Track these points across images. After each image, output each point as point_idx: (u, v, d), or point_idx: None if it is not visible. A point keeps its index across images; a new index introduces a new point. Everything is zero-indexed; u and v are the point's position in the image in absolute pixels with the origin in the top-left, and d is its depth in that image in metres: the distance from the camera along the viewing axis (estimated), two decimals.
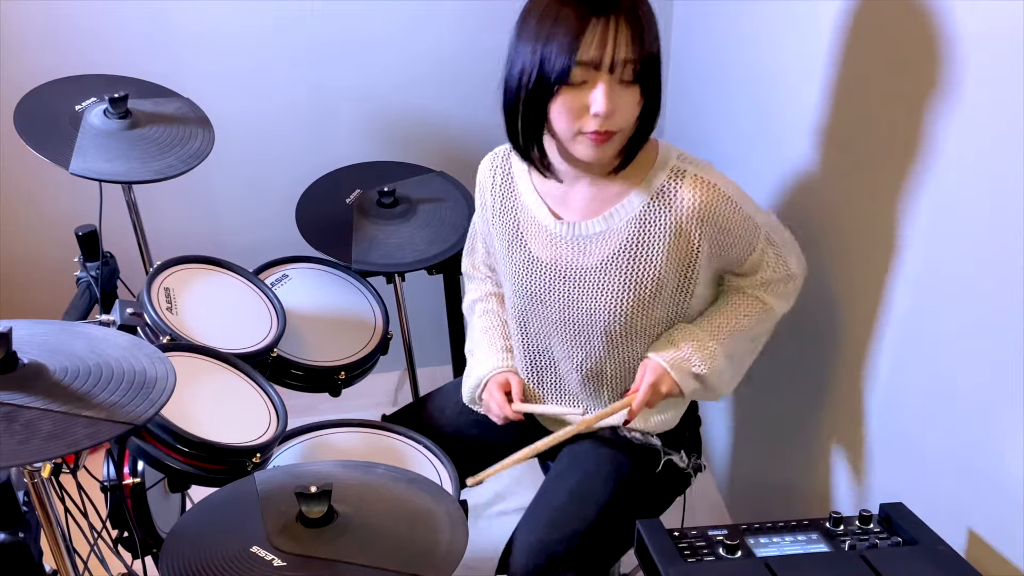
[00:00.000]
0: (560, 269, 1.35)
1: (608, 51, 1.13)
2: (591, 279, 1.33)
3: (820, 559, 1.10)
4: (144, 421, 0.98)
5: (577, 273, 1.34)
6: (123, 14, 1.91)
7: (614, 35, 1.12)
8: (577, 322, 1.37)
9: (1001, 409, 1.08)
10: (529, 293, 1.39)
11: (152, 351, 1.10)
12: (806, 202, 1.55)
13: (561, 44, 1.13)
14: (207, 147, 1.66)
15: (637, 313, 1.32)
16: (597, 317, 1.34)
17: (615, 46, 1.13)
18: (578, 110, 1.17)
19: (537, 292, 1.38)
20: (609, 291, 1.32)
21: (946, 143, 1.14)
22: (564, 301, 1.36)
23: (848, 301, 1.43)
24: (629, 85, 1.17)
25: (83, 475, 1.27)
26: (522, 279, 1.39)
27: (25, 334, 1.07)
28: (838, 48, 1.37)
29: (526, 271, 1.38)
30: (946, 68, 1.13)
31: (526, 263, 1.38)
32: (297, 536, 1.07)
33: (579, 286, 1.34)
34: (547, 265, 1.36)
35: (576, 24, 1.12)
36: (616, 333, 1.35)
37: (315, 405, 1.82)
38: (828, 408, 1.53)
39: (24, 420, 0.94)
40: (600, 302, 1.33)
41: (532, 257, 1.37)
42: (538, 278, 1.37)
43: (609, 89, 1.15)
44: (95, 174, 1.52)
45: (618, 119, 1.18)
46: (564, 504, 1.38)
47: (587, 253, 1.33)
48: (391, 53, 2.05)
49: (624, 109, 1.18)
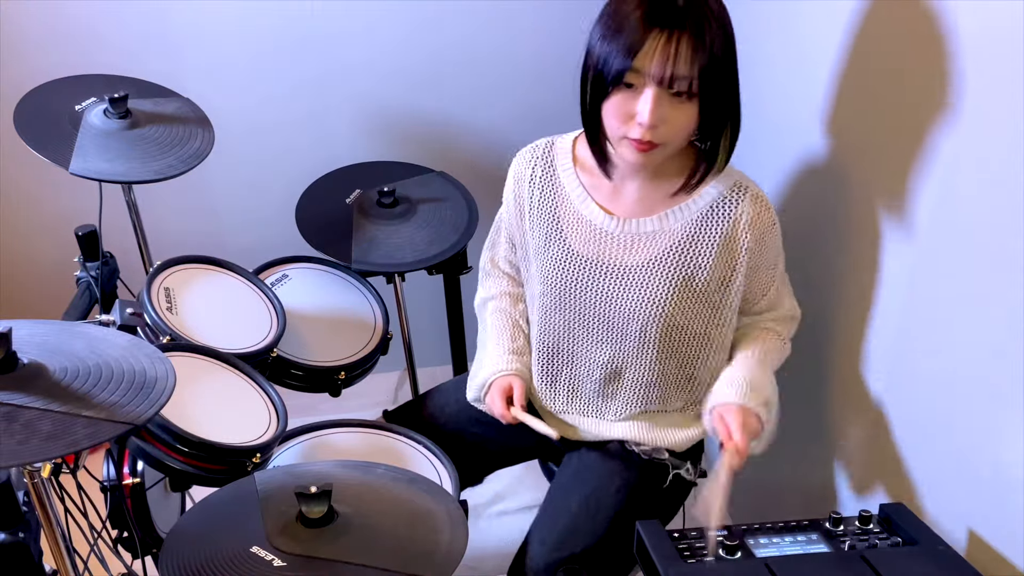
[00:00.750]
0: (603, 265, 1.35)
1: (662, 64, 1.13)
2: (636, 277, 1.33)
3: (820, 559, 1.10)
4: (144, 421, 0.98)
5: (621, 270, 1.34)
6: (123, 14, 1.91)
7: (674, 50, 1.12)
8: (611, 320, 1.36)
9: (1001, 409, 1.08)
10: (562, 288, 1.38)
11: (152, 351, 1.10)
12: (806, 200, 1.55)
13: (621, 47, 1.14)
14: (207, 147, 1.66)
15: (677, 314, 1.33)
16: (636, 315, 1.34)
17: (671, 62, 1.13)
18: (626, 114, 1.18)
19: (571, 288, 1.38)
20: (653, 290, 1.32)
21: (947, 141, 1.14)
22: (601, 298, 1.36)
23: (848, 301, 1.43)
24: (684, 100, 1.16)
25: (83, 475, 1.27)
26: (556, 274, 1.38)
27: (25, 334, 1.07)
28: (838, 47, 1.37)
29: (562, 266, 1.38)
30: (949, 66, 1.13)
31: (563, 258, 1.37)
32: (297, 536, 1.07)
33: (621, 283, 1.34)
34: (588, 260, 1.36)
35: (639, 31, 1.13)
36: (651, 333, 1.34)
37: (315, 405, 1.82)
38: (828, 408, 1.53)
39: (24, 420, 0.94)
40: (642, 300, 1.33)
41: (571, 252, 1.37)
42: (575, 273, 1.37)
43: (657, 100, 1.15)
44: (95, 174, 1.52)
45: (663, 132, 1.18)
46: (574, 518, 1.39)
47: (635, 251, 1.33)
48: (391, 53, 2.05)
49: (673, 123, 1.18)
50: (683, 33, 1.12)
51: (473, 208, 1.87)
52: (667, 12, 1.12)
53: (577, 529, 1.37)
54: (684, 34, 1.12)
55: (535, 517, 1.45)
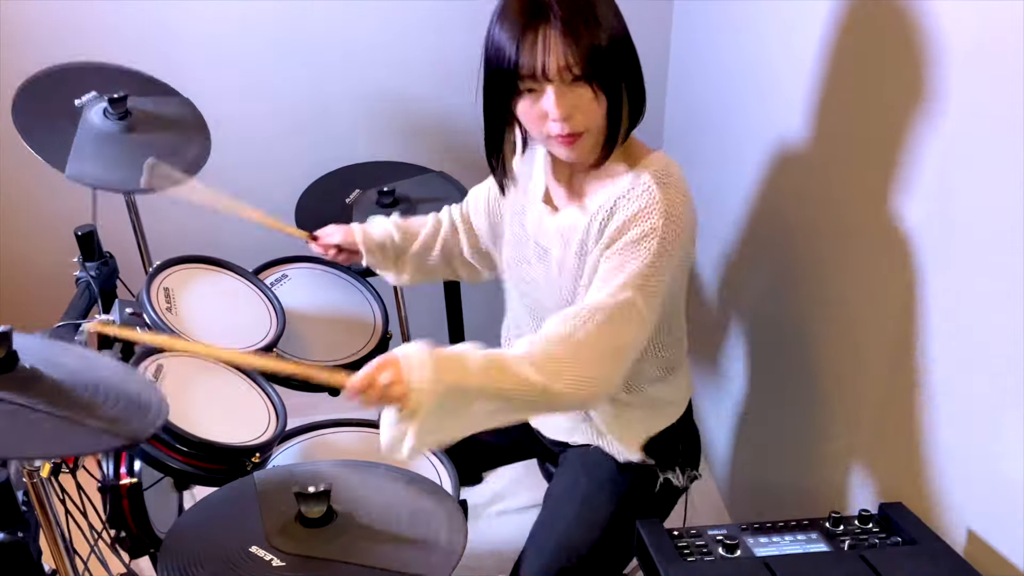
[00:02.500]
0: (543, 252, 1.37)
1: (542, 60, 1.14)
2: (555, 268, 1.34)
3: (820, 559, 1.10)
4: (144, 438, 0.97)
5: (549, 260, 1.35)
6: (123, 13, 1.91)
7: (544, 43, 1.13)
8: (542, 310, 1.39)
9: (1001, 409, 1.08)
10: (514, 269, 1.44)
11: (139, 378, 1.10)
12: (805, 199, 1.55)
13: (504, 60, 1.15)
14: (203, 155, 1.65)
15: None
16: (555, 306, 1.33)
17: (548, 54, 1.13)
18: (538, 116, 1.19)
19: (519, 269, 1.42)
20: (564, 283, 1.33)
21: (946, 140, 1.14)
22: (536, 284, 1.39)
23: (847, 301, 1.43)
24: (584, 85, 1.16)
25: (82, 475, 1.27)
26: (511, 254, 1.44)
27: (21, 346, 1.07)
28: (838, 46, 1.37)
29: (515, 247, 1.43)
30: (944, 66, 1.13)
31: (518, 239, 1.42)
32: (296, 536, 1.07)
33: (547, 273, 1.36)
34: (535, 246, 1.38)
35: (512, 39, 1.14)
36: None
37: (315, 405, 1.81)
38: (828, 408, 1.53)
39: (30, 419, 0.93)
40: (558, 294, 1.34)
41: (526, 235, 1.40)
42: (523, 255, 1.41)
43: (559, 94, 1.16)
44: (91, 180, 1.51)
45: (579, 120, 1.18)
46: (569, 527, 1.39)
47: (561, 243, 1.33)
48: (391, 53, 2.05)
49: (583, 108, 1.18)
50: (548, 25, 1.13)
51: None
52: (530, 12, 1.13)
53: (572, 538, 1.38)
54: (550, 26, 1.13)
55: (532, 526, 1.45)
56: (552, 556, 1.37)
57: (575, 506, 1.42)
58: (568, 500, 1.43)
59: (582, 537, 1.38)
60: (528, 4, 1.14)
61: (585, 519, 1.40)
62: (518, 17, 1.14)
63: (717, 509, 2.07)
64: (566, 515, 1.41)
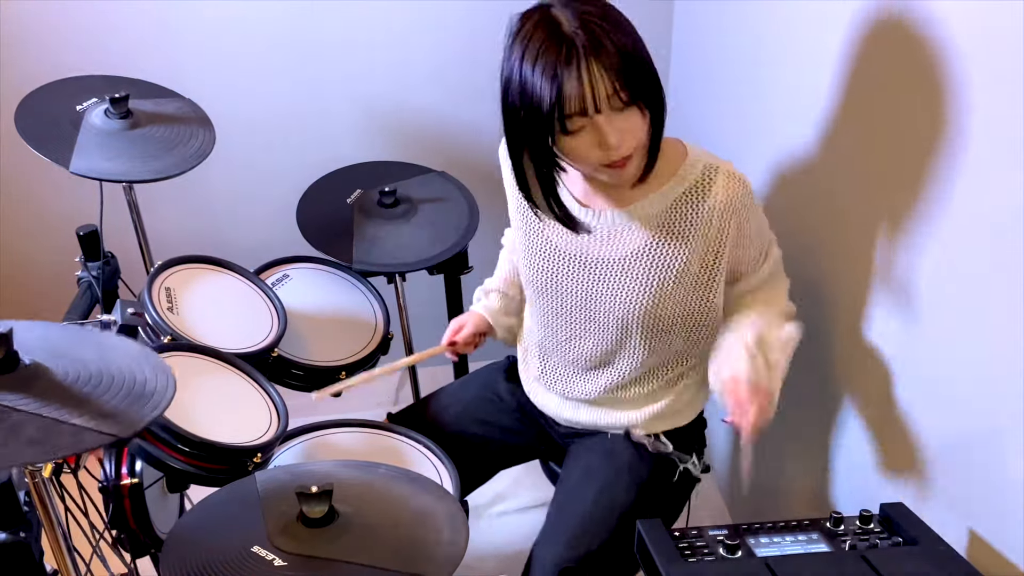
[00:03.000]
0: (581, 259, 1.35)
1: (590, 93, 1.12)
2: (614, 271, 1.33)
3: (820, 559, 1.10)
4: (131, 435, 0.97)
5: (599, 264, 1.34)
6: (124, 14, 1.91)
7: (588, 78, 1.11)
8: (592, 312, 1.37)
9: (1001, 409, 1.08)
10: (544, 280, 1.40)
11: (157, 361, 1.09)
12: (805, 200, 1.55)
13: (544, 102, 1.12)
14: (208, 146, 1.66)
15: (659, 306, 1.32)
16: (615, 309, 1.34)
17: (593, 88, 1.12)
18: (588, 149, 1.18)
19: (551, 280, 1.39)
20: (632, 284, 1.32)
21: (947, 141, 1.14)
22: (581, 291, 1.36)
23: (847, 300, 1.43)
24: (627, 107, 1.16)
25: (83, 475, 1.28)
26: (538, 267, 1.39)
27: (37, 336, 1.08)
28: (838, 47, 1.37)
29: (542, 258, 1.39)
30: (949, 67, 1.13)
31: (543, 250, 1.38)
32: (298, 536, 1.07)
33: (600, 277, 1.34)
34: (566, 254, 1.36)
35: (549, 79, 1.11)
36: (633, 326, 1.34)
37: (315, 405, 1.82)
38: (828, 408, 1.53)
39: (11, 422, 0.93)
40: (622, 295, 1.33)
41: (550, 244, 1.37)
42: (554, 266, 1.38)
43: (609, 124, 1.15)
44: (96, 173, 1.52)
45: (630, 142, 1.18)
46: (587, 516, 1.38)
47: (612, 245, 1.32)
48: (392, 53, 2.05)
49: (632, 131, 1.17)
50: (583, 58, 1.11)
51: (474, 208, 1.87)
52: (561, 47, 1.11)
53: (590, 527, 1.37)
54: (587, 59, 1.11)
55: (546, 517, 1.44)
56: (569, 544, 1.36)
57: (594, 492, 1.40)
58: (586, 488, 1.42)
59: (601, 526, 1.37)
60: (555, 40, 1.11)
61: (605, 506, 1.38)
62: (551, 56, 1.11)
63: (717, 509, 2.07)
64: (585, 501, 1.40)
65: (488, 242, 1.79)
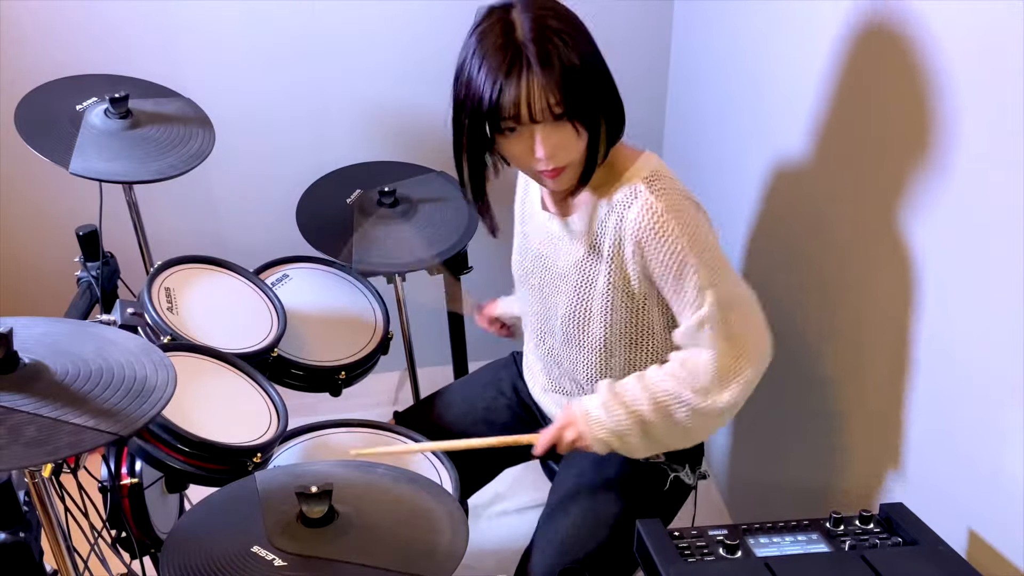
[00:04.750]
0: (542, 261, 1.41)
1: (526, 102, 1.14)
2: (557, 280, 1.38)
3: (820, 559, 1.10)
4: (131, 432, 0.97)
5: (551, 270, 1.39)
6: (123, 14, 1.91)
7: (528, 86, 1.13)
8: (548, 313, 1.42)
9: (1001, 409, 1.09)
10: (519, 272, 1.48)
11: (159, 357, 1.10)
12: (805, 202, 1.55)
13: (484, 103, 1.16)
14: (207, 147, 1.66)
15: (589, 322, 1.35)
16: (558, 315, 1.39)
17: (529, 98, 1.14)
18: (522, 153, 1.21)
19: (523, 273, 1.46)
20: (567, 296, 1.36)
21: (946, 143, 1.15)
22: (541, 291, 1.42)
23: (846, 302, 1.43)
24: (562, 122, 1.17)
25: (83, 475, 1.28)
26: (517, 258, 1.48)
27: (38, 333, 1.08)
28: (838, 48, 1.37)
29: (521, 252, 1.47)
30: (946, 70, 1.13)
31: (522, 245, 1.46)
32: (298, 536, 1.07)
33: (551, 282, 1.40)
34: (535, 253, 1.42)
35: (492, 82, 1.14)
36: (571, 335, 1.38)
37: (315, 405, 1.82)
38: (828, 408, 1.53)
39: (10, 424, 0.93)
40: (562, 303, 1.37)
41: (527, 241, 1.44)
42: (526, 262, 1.45)
43: (543, 134, 1.17)
44: (95, 174, 1.52)
45: (562, 155, 1.20)
46: (576, 524, 1.39)
47: (559, 253, 1.37)
48: (392, 53, 2.05)
49: (564, 145, 1.19)
50: (527, 67, 1.13)
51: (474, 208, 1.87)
52: (508, 54, 1.14)
53: (579, 535, 1.38)
54: (530, 68, 1.13)
55: (538, 523, 1.45)
56: (559, 553, 1.37)
57: (582, 503, 1.42)
58: (576, 497, 1.43)
59: (589, 535, 1.38)
60: (504, 45, 1.14)
61: (592, 517, 1.40)
62: (496, 60, 1.14)
63: (717, 509, 2.07)
64: (573, 512, 1.41)
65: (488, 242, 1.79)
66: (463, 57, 1.20)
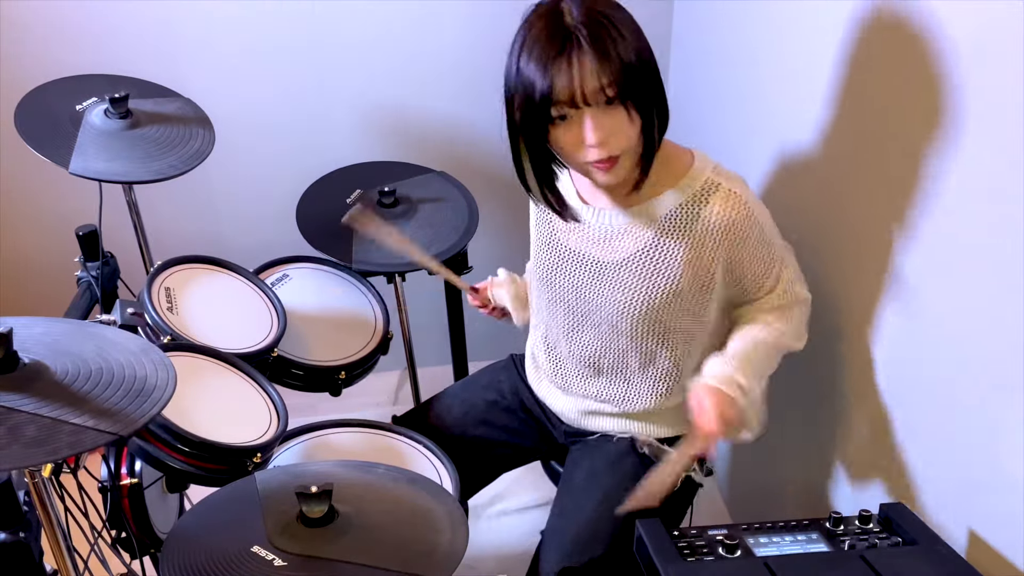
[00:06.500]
0: (580, 257, 1.36)
1: (578, 84, 1.13)
2: (607, 273, 1.34)
3: (820, 559, 1.10)
4: (131, 432, 0.97)
5: (595, 264, 1.35)
6: (123, 14, 1.91)
7: (579, 68, 1.12)
8: (587, 309, 1.38)
9: (1001, 409, 1.09)
10: (546, 272, 1.42)
11: (158, 357, 1.10)
12: (805, 200, 1.55)
13: (536, 90, 1.14)
14: (207, 147, 1.66)
15: (652, 313, 1.33)
16: (605, 310, 1.35)
17: (581, 80, 1.12)
18: (575, 143, 1.18)
19: (553, 272, 1.40)
20: (624, 289, 1.32)
21: (946, 141, 1.15)
22: (578, 287, 1.38)
23: (847, 300, 1.43)
24: (618, 107, 1.16)
25: (83, 475, 1.28)
26: (542, 258, 1.42)
27: (38, 332, 1.08)
28: (837, 49, 1.37)
29: (547, 251, 1.41)
30: (947, 67, 1.13)
31: (548, 243, 1.41)
32: (298, 536, 1.07)
33: (595, 277, 1.35)
34: (568, 249, 1.38)
35: (542, 68, 1.13)
36: (626, 328, 1.35)
37: (315, 405, 1.82)
38: (828, 408, 1.53)
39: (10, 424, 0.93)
40: (612, 298, 1.34)
41: (555, 238, 1.39)
42: (556, 260, 1.39)
43: (595, 119, 1.15)
44: (95, 174, 1.52)
45: (615, 143, 1.18)
46: (590, 522, 1.38)
47: (608, 247, 1.33)
48: (392, 53, 2.05)
49: (618, 131, 1.17)
50: (579, 50, 1.12)
51: (473, 208, 1.87)
52: (558, 38, 1.13)
53: (594, 534, 1.37)
54: (581, 50, 1.12)
55: (548, 523, 1.44)
56: (573, 551, 1.36)
57: (596, 499, 1.41)
58: (588, 492, 1.42)
59: (604, 532, 1.37)
60: (554, 31, 1.13)
61: (606, 512, 1.38)
62: (546, 45, 1.13)
63: (717, 509, 2.07)
64: (585, 508, 1.40)
65: (488, 242, 1.79)
66: (511, 55, 1.18)
